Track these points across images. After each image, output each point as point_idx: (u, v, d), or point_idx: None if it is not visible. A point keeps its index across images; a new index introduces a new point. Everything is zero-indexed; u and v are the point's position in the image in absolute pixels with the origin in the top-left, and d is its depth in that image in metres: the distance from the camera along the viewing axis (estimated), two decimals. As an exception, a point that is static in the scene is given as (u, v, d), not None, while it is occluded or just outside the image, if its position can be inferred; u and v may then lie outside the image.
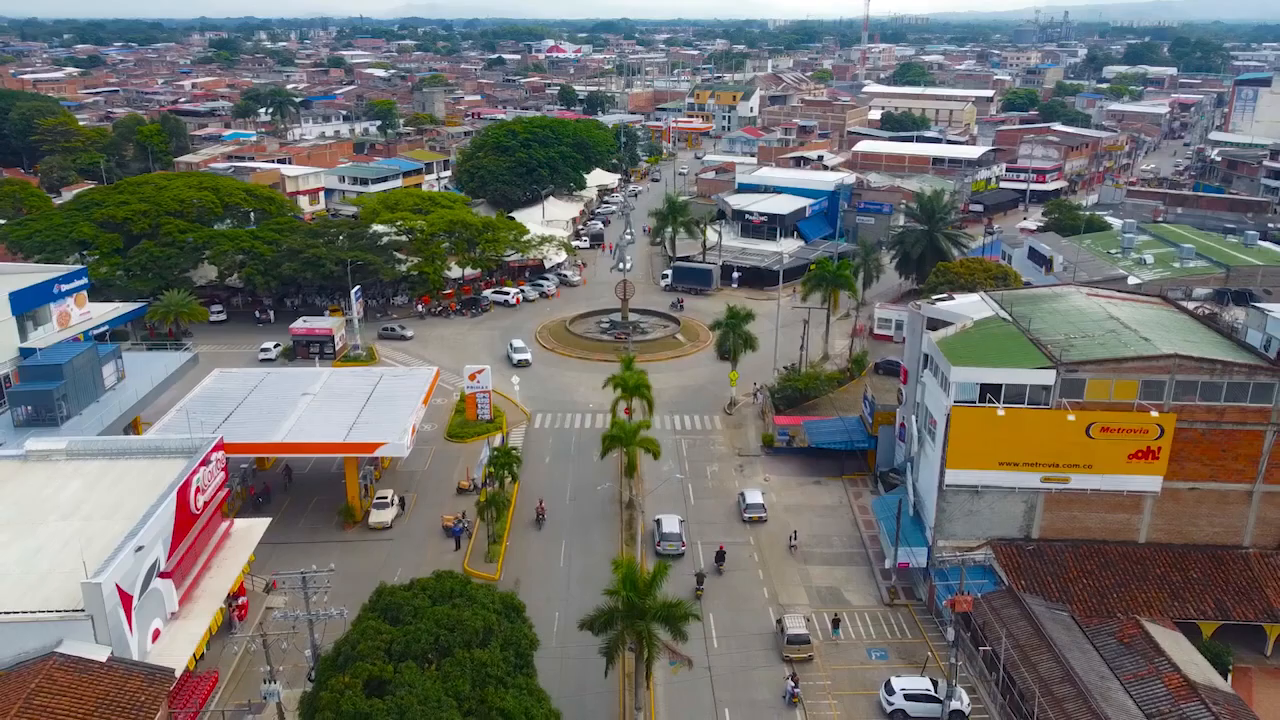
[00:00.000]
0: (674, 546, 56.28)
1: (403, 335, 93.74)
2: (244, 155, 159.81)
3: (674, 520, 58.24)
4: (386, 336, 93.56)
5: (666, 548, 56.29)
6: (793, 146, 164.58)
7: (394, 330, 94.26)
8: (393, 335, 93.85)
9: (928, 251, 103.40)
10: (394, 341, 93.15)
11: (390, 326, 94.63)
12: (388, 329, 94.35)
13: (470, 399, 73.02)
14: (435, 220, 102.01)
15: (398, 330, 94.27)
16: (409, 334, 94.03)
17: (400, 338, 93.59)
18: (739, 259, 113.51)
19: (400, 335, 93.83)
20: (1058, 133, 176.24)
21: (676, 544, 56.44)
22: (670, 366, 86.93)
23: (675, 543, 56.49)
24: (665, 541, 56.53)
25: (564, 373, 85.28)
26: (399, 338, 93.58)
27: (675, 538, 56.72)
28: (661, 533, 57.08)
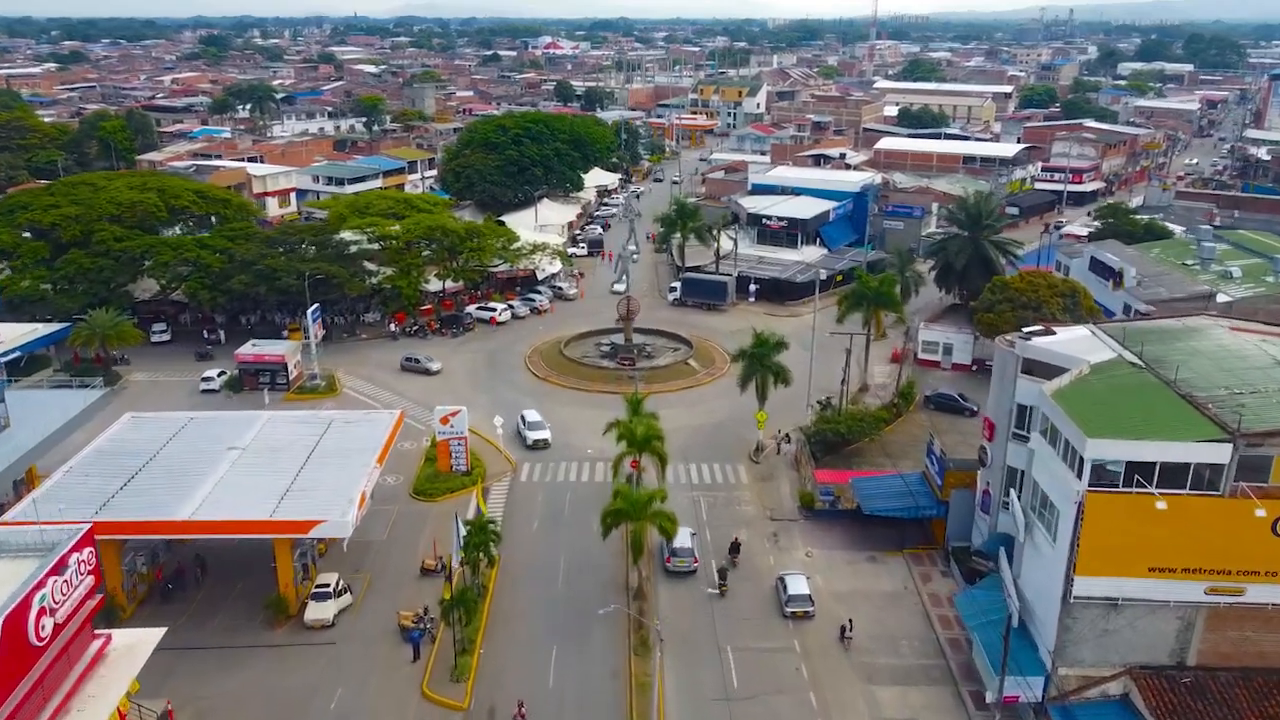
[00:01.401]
0: (684, 563, 50.62)
1: (427, 369, 78.59)
2: (211, 153, 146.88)
3: (684, 533, 51.20)
4: (410, 369, 79.05)
5: (676, 564, 50.68)
6: (807, 144, 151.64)
7: (416, 361, 79.44)
8: (415, 367, 79.08)
9: (973, 261, 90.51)
10: (417, 375, 78.56)
11: (414, 357, 79.85)
12: (411, 360, 79.71)
13: (442, 447, 60.02)
14: (411, 226, 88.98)
15: (421, 362, 79.26)
16: (435, 367, 78.93)
17: (424, 371, 78.61)
18: (756, 269, 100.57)
19: (424, 369, 78.75)
20: (1092, 130, 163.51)
21: (688, 560, 50.71)
22: (682, 400, 74.00)
23: (686, 559, 50.67)
24: (675, 558, 50.69)
25: (558, 408, 72.30)
26: (422, 370, 78.59)
27: (686, 553, 50.85)
28: (671, 548, 50.59)
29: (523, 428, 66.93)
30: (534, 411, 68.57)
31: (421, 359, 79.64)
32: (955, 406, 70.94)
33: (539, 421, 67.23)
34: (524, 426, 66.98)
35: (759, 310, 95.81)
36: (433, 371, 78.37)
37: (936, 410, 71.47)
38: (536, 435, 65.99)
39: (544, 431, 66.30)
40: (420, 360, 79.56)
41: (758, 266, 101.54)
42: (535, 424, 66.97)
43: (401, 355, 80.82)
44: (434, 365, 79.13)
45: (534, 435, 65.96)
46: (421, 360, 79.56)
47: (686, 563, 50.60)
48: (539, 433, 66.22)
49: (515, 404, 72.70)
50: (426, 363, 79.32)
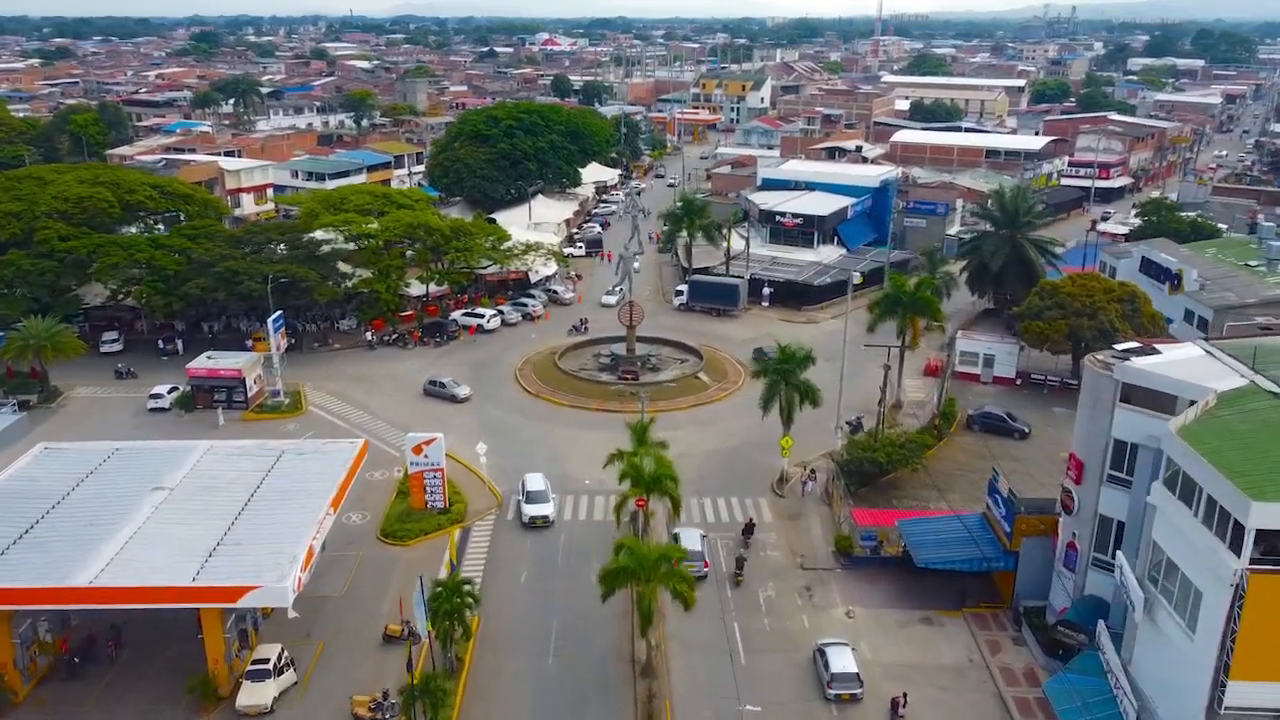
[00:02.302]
0: (694, 567, 44.93)
1: (454, 395, 67.93)
2: (185, 147, 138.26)
3: (694, 535, 47.96)
4: (434, 394, 68.49)
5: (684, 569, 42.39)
6: (818, 137, 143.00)
7: (441, 386, 68.53)
8: (440, 393, 68.24)
9: (1010, 262, 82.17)
10: (442, 401, 67.90)
11: (439, 381, 68.90)
12: (436, 385, 68.86)
13: (415, 481, 51.39)
14: (390, 224, 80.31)
15: (447, 387, 68.37)
16: (463, 393, 68.12)
17: (449, 398, 67.83)
18: (769, 271, 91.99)
19: (450, 395, 67.99)
20: (1119, 123, 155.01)
21: (697, 564, 45.72)
22: (692, 419, 65.43)
23: (695, 562, 45.48)
24: (685, 561, 42.93)
25: (552, 429, 63.73)
26: (448, 398, 67.78)
27: (696, 556, 46.11)
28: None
29: (522, 502, 52.80)
30: (538, 478, 54.23)
31: (447, 383, 68.54)
32: (1004, 428, 62.40)
33: (541, 491, 53.05)
34: (524, 501, 52.81)
35: (773, 316, 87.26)
36: (460, 399, 67.50)
37: (983, 432, 62.92)
38: (535, 510, 51.93)
39: (546, 506, 52.19)
40: (445, 385, 68.37)
41: (771, 268, 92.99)
42: (536, 494, 52.84)
43: (425, 379, 69.88)
44: (461, 391, 68.11)
45: (532, 510, 51.95)
46: (447, 385, 68.34)
47: (695, 568, 45.14)
48: (539, 507, 52.08)
49: (502, 424, 64.10)
50: (453, 388, 68.21)
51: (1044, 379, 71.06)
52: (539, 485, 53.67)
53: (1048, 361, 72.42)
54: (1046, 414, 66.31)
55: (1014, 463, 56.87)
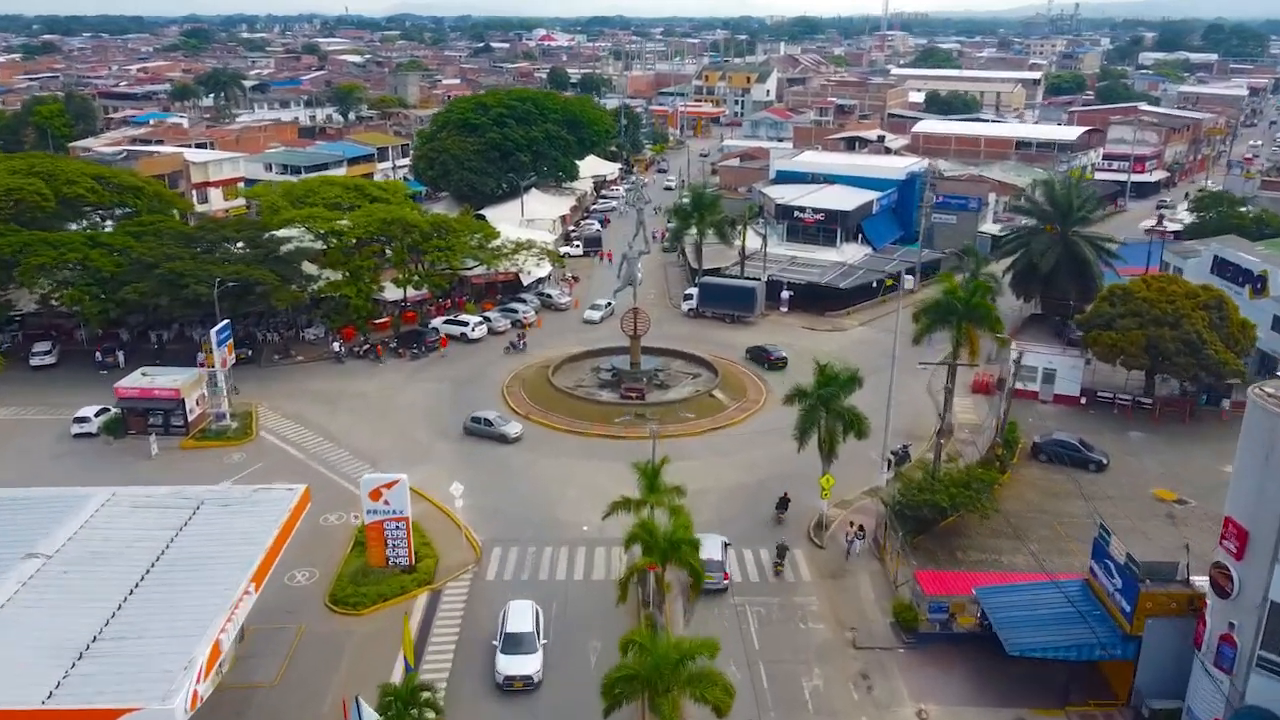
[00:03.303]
0: (713, 579, 39.83)
1: (504, 435, 55.94)
2: (154, 139, 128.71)
3: (714, 543, 42.25)
4: (477, 432, 56.80)
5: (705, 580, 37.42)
6: (832, 128, 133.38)
7: (488, 424, 56.45)
8: (486, 432, 56.44)
9: (1062, 262, 72.57)
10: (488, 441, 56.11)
11: (483, 418, 56.71)
12: (480, 422, 56.73)
13: (374, 533, 41.80)
14: (361, 219, 70.70)
15: (494, 425, 56.34)
16: (514, 431, 56.23)
17: (498, 437, 55.92)
18: (788, 271, 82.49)
19: (499, 434, 56.00)
20: (1154, 114, 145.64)
21: (716, 575, 40.44)
22: (708, 446, 55.87)
23: (714, 573, 40.01)
24: None
25: (544, 459, 54.15)
26: (496, 437, 55.95)
27: (715, 567, 40.51)
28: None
29: (496, 645, 36.48)
30: (523, 608, 38.05)
31: (494, 420, 56.52)
32: (1077, 458, 52.87)
33: (527, 634, 36.43)
34: (498, 639, 36.71)
35: (794, 322, 77.81)
36: (510, 438, 55.76)
37: (1051, 462, 53.42)
38: (514, 667, 35.33)
39: (530, 660, 35.57)
40: (492, 422, 56.34)
41: (790, 269, 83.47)
42: (519, 639, 36.13)
43: (465, 419, 57.50)
44: (511, 429, 56.26)
45: (510, 667, 35.33)
46: (494, 422, 56.32)
47: (716, 579, 40.06)
48: (520, 662, 35.49)
49: (484, 453, 54.47)
50: (501, 425, 56.21)
51: (1113, 397, 61.53)
52: (524, 623, 36.88)
53: (1115, 377, 62.96)
54: (1121, 439, 56.86)
55: (1096, 502, 47.28)
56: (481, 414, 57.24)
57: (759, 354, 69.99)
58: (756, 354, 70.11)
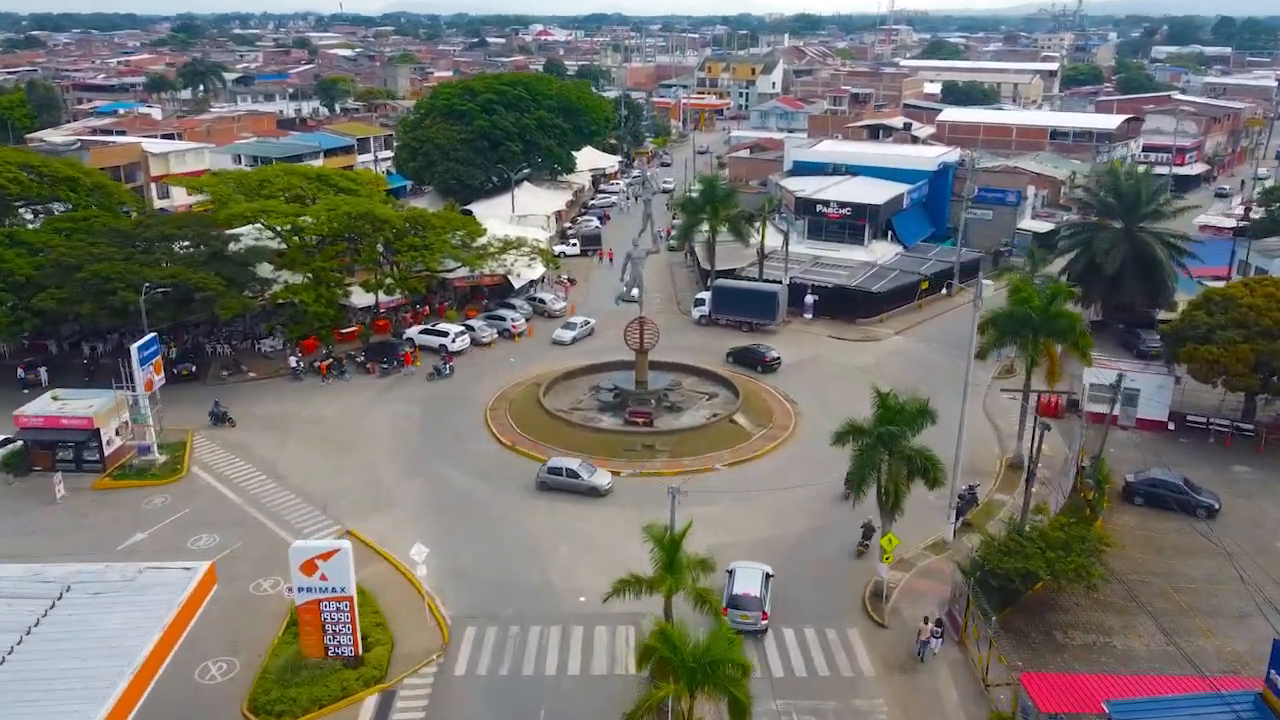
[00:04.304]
0: (750, 618, 34.44)
1: (592, 487, 44.65)
2: (117, 129, 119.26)
3: (754, 574, 36.15)
4: (556, 486, 44.52)
5: (738, 619, 33.82)
6: (851, 117, 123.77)
7: (571, 476, 44.73)
8: (569, 484, 44.66)
9: (1129, 262, 63.18)
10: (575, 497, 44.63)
11: (566, 468, 44.96)
12: (560, 472, 44.96)
13: (309, 615, 32.20)
14: (323, 214, 61.08)
15: (580, 476, 44.71)
16: (603, 483, 44.82)
17: (586, 490, 44.50)
18: (811, 273, 73.03)
19: (587, 486, 44.58)
20: (1191, 103, 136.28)
21: (754, 614, 34.59)
22: (730, 484, 46.33)
23: (752, 611, 34.51)
24: (736, 609, 34.41)
25: (532, 503, 44.57)
26: (585, 490, 44.43)
27: (752, 604, 34.79)
28: (731, 593, 34.99)
29: None
30: None
31: (578, 470, 44.82)
32: (1182, 501, 43.33)
33: None
34: None
35: (820, 331, 68.33)
36: (602, 490, 44.59)
37: (1147, 506, 43.98)
38: None
39: None
40: (576, 473, 44.74)
41: (813, 270, 74.03)
42: None
43: (541, 469, 45.54)
44: (601, 479, 44.93)
45: None
46: (579, 473, 44.74)
47: (753, 618, 34.47)
48: None
49: (460, 496, 44.89)
50: (588, 474, 44.83)
51: (1207, 423, 52.02)
52: None
53: (1205, 397, 53.53)
54: (1225, 475, 47.37)
55: (1214, 560, 37.85)
56: (560, 463, 45.47)
57: (748, 356, 61.50)
58: (744, 356, 61.64)
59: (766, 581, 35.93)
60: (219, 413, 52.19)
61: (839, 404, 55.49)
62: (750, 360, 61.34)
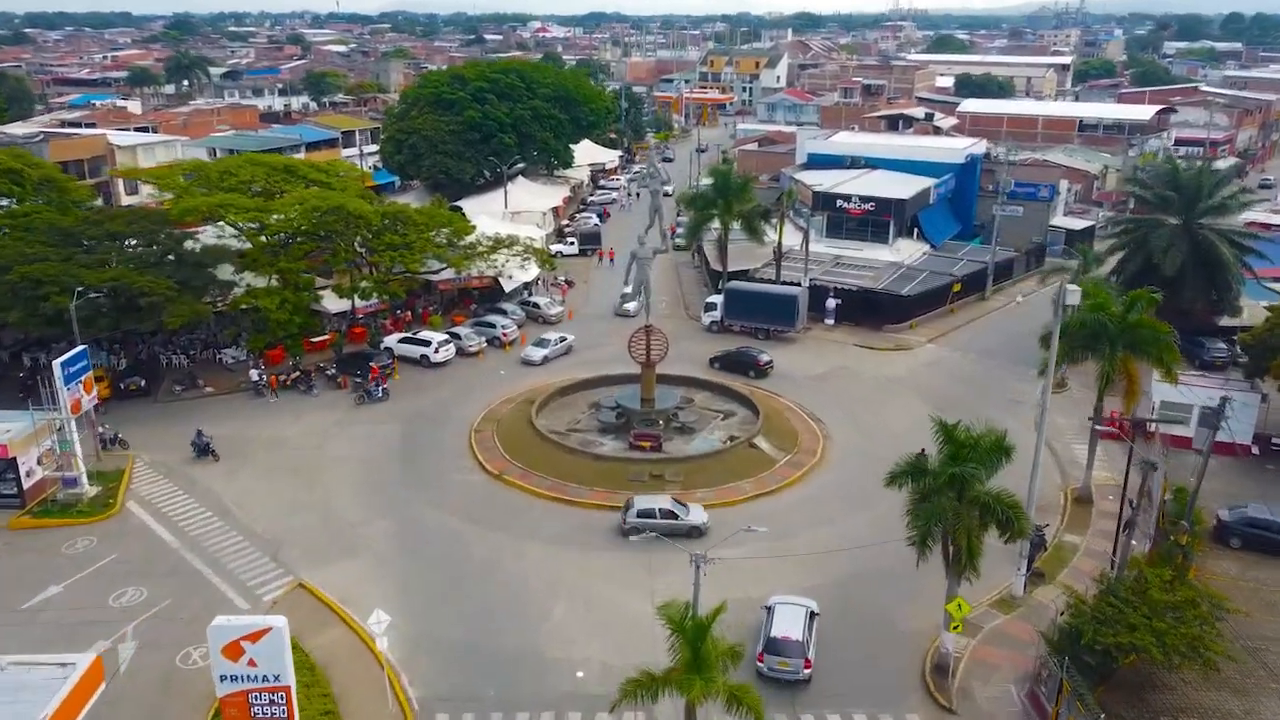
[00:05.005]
0: (790, 666, 29.34)
1: (692, 527, 37.88)
2: (86, 122, 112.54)
3: (796, 615, 30.55)
4: (648, 530, 35.64)
5: (777, 665, 29.41)
6: (867, 107, 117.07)
7: (667, 516, 37.71)
8: (664, 526, 36.95)
9: (1189, 263, 56.54)
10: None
11: (657, 509, 37.88)
12: (651, 514, 37.64)
13: (235, 710, 25.48)
14: (290, 208, 54.35)
15: (679, 516, 37.95)
16: (701, 520, 38.29)
17: (684, 532, 37.45)
18: (832, 275, 66.45)
19: (685, 527, 37.77)
20: (1221, 94, 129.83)
21: (795, 661, 29.29)
22: (753, 520, 39.47)
23: (793, 658, 29.21)
24: (774, 655, 29.41)
25: (520, 546, 37.87)
26: (683, 533, 37.34)
27: (793, 649, 29.36)
28: (768, 635, 29.83)
29: None
30: None
31: (675, 509, 38.02)
32: (1291, 545, 36.75)
33: None
34: None
35: (843, 339, 61.73)
36: (703, 529, 37.79)
37: (1245, 549, 37.36)
38: None
39: None
40: (674, 513, 37.91)
41: (834, 271, 67.45)
42: None
43: (624, 513, 38.18)
44: (698, 516, 38.33)
45: None
46: (678, 513, 37.95)
47: (794, 666, 29.58)
48: None
49: (436, 540, 38.17)
50: (685, 515, 38.10)
51: (1299, 446, 45.50)
52: None
53: None
54: (1327, 510, 40.74)
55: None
56: (651, 501, 38.38)
57: (738, 361, 55.46)
58: (733, 361, 55.59)
59: (811, 622, 30.93)
60: (202, 443, 45.18)
61: (872, 423, 49.20)
62: (741, 365, 55.35)
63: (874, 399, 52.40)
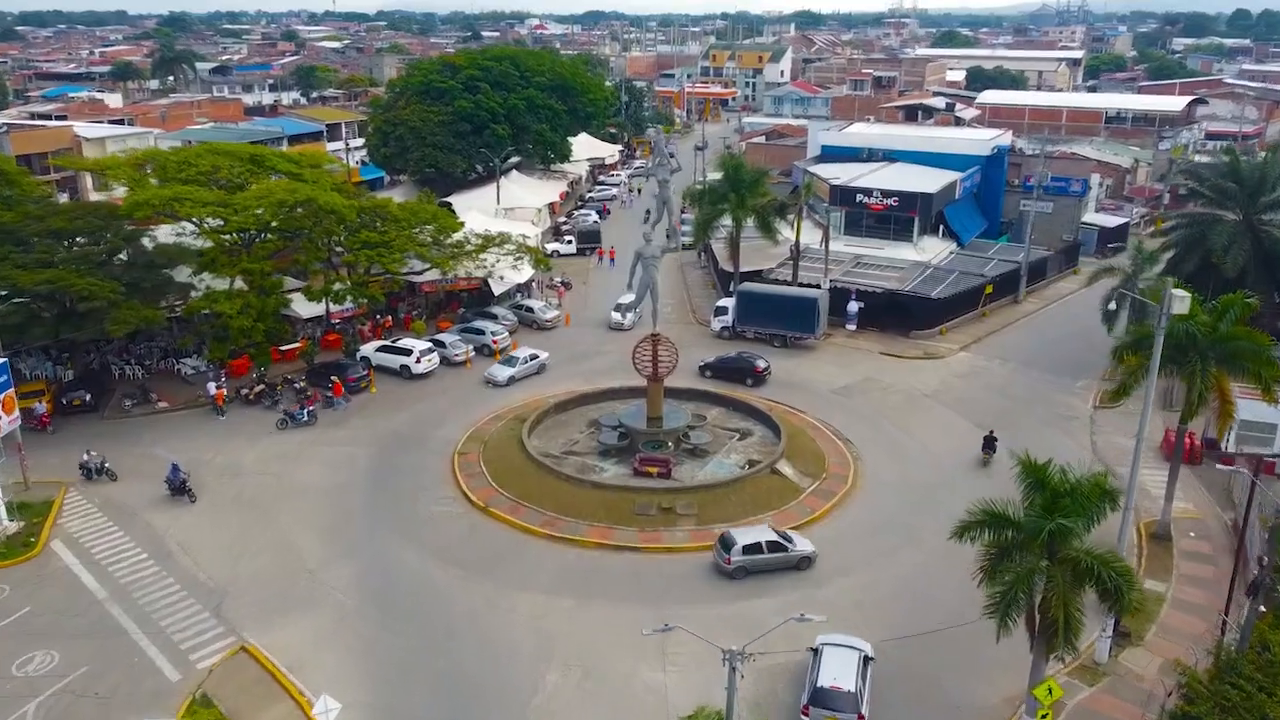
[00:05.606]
0: None
1: (804, 557, 33.16)
2: (58, 114, 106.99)
3: (846, 659, 26.37)
4: (758, 568, 32.50)
5: None
6: (882, 98, 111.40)
7: (775, 549, 32.87)
8: (773, 561, 32.76)
9: (1253, 263, 50.98)
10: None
11: (769, 540, 32.89)
12: (762, 548, 32.71)
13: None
14: (251, 202, 48.60)
15: (788, 548, 33.13)
16: (809, 549, 33.51)
17: (795, 563, 33.02)
18: (852, 276, 60.84)
19: (795, 557, 33.06)
20: (1249, 86, 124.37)
21: (847, 717, 24.90)
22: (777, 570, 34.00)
23: (844, 712, 24.95)
24: (822, 707, 25.24)
25: (510, 597, 32.14)
26: (793, 563, 33.00)
27: (845, 701, 25.19)
28: (815, 684, 25.67)
29: None
30: None
31: (783, 541, 33.08)
32: None
33: None
34: None
35: (867, 345, 56.12)
36: (813, 560, 33.29)
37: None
38: None
39: None
40: (783, 545, 32.96)
41: (854, 272, 61.83)
42: None
43: (730, 551, 32.49)
44: (808, 546, 33.61)
45: None
46: (786, 545, 33.02)
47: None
48: None
49: (411, 597, 32.41)
50: (795, 545, 33.19)
51: (1394, 472, 39.79)
52: None
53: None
54: None
55: None
56: (755, 534, 33.24)
57: (734, 368, 50.26)
58: (728, 369, 50.35)
59: (864, 668, 26.72)
60: (94, 464, 39.71)
61: (907, 443, 43.70)
62: (737, 373, 50.10)
63: (906, 414, 46.86)
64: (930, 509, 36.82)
